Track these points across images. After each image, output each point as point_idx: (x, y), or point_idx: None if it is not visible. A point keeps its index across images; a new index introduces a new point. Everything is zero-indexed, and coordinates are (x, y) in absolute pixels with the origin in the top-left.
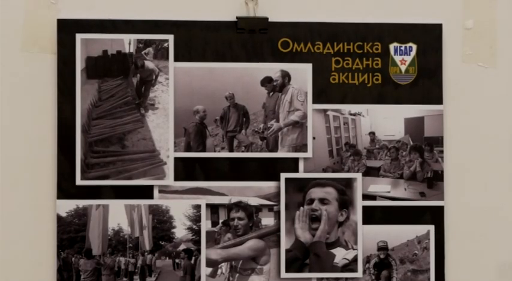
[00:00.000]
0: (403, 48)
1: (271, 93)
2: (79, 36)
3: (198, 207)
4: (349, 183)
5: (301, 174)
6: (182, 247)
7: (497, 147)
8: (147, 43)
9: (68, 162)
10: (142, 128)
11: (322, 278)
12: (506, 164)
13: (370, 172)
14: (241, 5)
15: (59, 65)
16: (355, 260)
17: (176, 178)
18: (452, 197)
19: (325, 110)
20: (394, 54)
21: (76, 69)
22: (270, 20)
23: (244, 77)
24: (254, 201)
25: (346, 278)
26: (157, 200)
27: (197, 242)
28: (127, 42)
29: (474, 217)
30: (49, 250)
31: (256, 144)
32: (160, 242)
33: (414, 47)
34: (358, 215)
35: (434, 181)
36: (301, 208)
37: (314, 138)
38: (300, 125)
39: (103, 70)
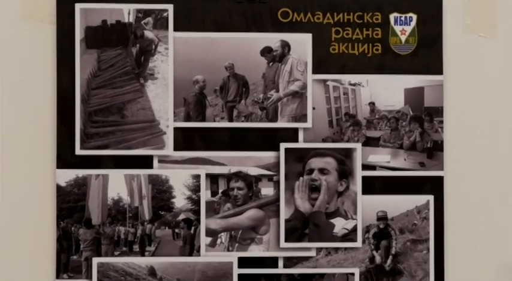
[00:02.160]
0: (403, 18)
1: (270, 64)
2: (78, 6)
3: (197, 177)
4: (348, 153)
5: (300, 144)
6: (182, 216)
7: (497, 117)
8: (147, 13)
9: (67, 132)
10: (141, 98)
11: (321, 248)
12: (506, 133)
13: (369, 142)
14: None
15: (58, 35)
16: (354, 230)
17: (176, 148)
18: (452, 167)
19: (324, 80)
20: (394, 25)
21: (75, 40)
22: None
23: (243, 47)
24: (254, 171)
25: (346, 248)
26: (157, 169)
27: (197, 212)
28: (126, 12)
29: (474, 186)
30: (49, 219)
31: (256, 114)
32: (160, 211)
33: (414, 17)
34: (357, 185)
35: (434, 151)
36: (301, 178)
37: (314, 108)
38: (299, 95)
39: (102, 40)
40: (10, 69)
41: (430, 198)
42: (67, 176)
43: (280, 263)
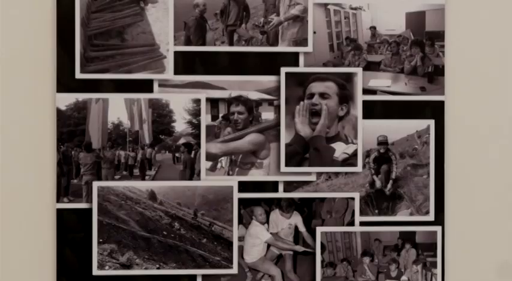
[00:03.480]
0: None
1: None
2: None
3: (197, 101)
4: (349, 77)
5: (301, 68)
6: (182, 141)
7: (499, 40)
8: None
9: (67, 55)
10: (141, 21)
11: (321, 173)
12: (509, 58)
13: (370, 67)
14: None
15: None
16: (355, 154)
17: (176, 72)
18: (452, 92)
19: (325, 4)
20: None
21: None
22: None
23: None
24: (254, 95)
25: (346, 173)
26: (157, 94)
27: (197, 136)
28: None
29: (474, 111)
30: (49, 143)
31: (257, 38)
32: (160, 136)
33: None
34: (358, 110)
35: (435, 75)
36: (301, 102)
37: (314, 32)
38: (300, 19)
39: None
40: None
41: (431, 122)
42: (67, 100)
43: (281, 187)
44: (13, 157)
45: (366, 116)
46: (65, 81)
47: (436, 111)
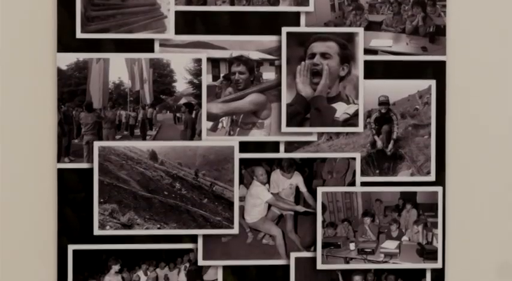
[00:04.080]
0: None
1: None
2: None
3: (198, 61)
4: (350, 37)
5: (302, 28)
6: (183, 101)
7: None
8: None
9: (67, 15)
10: None
11: (322, 133)
12: (510, 17)
13: (372, 26)
14: None
15: None
16: (356, 114)
17: (177, 32)
18: (454, 52)
19: None
20: None
21: None
22: None
23: None
24: (255, 55)
25: (347, 133)
26: (158, 53)
27: (198, 96)
28: None
29: (475, 70)
30: (50, 103)
31: None
32: (161, 96)
33: None
34: (359, 70)
35: (436, 35)
36: (303, 62)
37: None
38: None
39: None
40: None
41: (432, 83)
42: (68, 59)
43: (282, 147)
44: (14, 116)
45: (367, 76)
46: (66, 41)
47: (437, 71)
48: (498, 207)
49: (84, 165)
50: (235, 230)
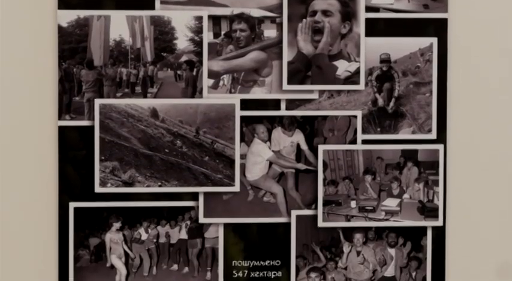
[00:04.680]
0: None
1: None
2: None
3: (200, 18)
4: None
5: None
6: (184, 58)
7: None
8: None
9: None
10: None
11: (324, 90)
12: None
13: None
14: None
15: None
16: (357, 72)
17: None
18: (455, 10)
19: None
20: None
21: None
22: None
23: None
24: (256, 12)
25: (348, 91)
26: (159, 11)
27: (199, 54)
28: None
29: (477, 29)
30: (50, 60)
31: None
32: (162, 53)
33: None
34: (361, 27)
35: None
36: (304, 19)
37: None
38: None
39: None
40: None
41: (434, 40)
42: (69, 16)
43: (283, 105)
44: (14, 73)
45: (368, 33)
46: None
47: (439, 29)
48: (500, 164)
49: (85, 122)
50: (236, 188)
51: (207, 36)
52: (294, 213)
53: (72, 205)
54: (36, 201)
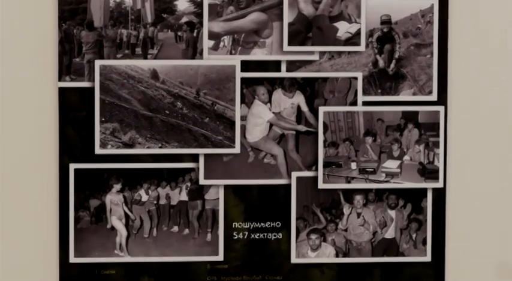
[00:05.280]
0: None
1: None
2: None
3: None
4: None
5: None
6: (184, 19)
7: None
8: None
9: None
10: None
11: (324, 52)
12: None
13: None
14: None
15: None
16: (358, 33)
17: None
18: None
19: None
20: None
21: None
22: None
23: None
24: None
25: (349, 52)
26: None
27: (199, 15)
28: None
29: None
30: (50, 21)
31: None
32: (163, 14)
33: None
34: None
35: None
36: None
37: None
38: None
39: None
40: None
41: (434, 1)
42: None
43: (283, 66)
44: (14, 34)
45: None
46: None
47: None
48: (500, 125)
49: (85, 84)
50: (236, 150)
51: None
52: (295, 175)
53: (73, 167)
54: (36, 162)
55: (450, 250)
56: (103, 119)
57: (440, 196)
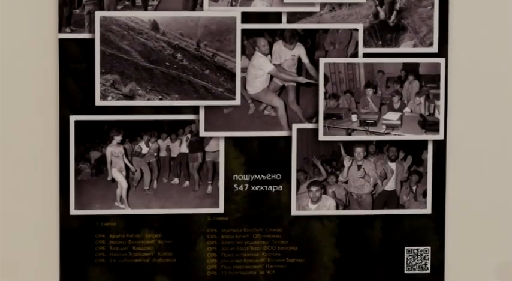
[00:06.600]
0: None
1: None
2: None
3: None
4: None
5: None
6: None
7: None
8: None
9: None
10: None
11: (325, 4)
12: None
13: None
14: None
15: None
16: None
17: None
18: None
19: None
20: None
21: None
22: None
23: None
24: None
25: (350, 4)
26: None
27: None
28: None
29: None
30: None
31: None
32: None
33: None
34: None
35: None
36: None
37: None
38: None
39: None
40: None
41: None
42: None
43: (284, 18)
44: (14, 13)
45: None
46: None
47: None
48: (503, 78)
49: (85, 35)
50: (237, 102)
51: None
52: (295, 127)
53: (73, 118)
54: (36, 114)
55: (450, 202)
56: (103, 71)
57: (440, 148)
